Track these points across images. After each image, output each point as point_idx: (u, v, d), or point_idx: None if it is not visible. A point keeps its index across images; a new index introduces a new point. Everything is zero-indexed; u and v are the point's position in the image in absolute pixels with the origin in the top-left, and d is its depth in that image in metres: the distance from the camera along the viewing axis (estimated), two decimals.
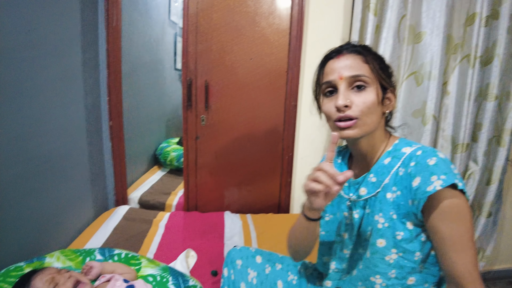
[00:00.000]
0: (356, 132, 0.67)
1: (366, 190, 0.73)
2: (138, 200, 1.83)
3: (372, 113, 0.67)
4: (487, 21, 1.49)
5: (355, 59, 0.68)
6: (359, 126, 0.67)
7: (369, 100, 0.66)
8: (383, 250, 0.68)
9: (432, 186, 0.59)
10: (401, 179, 0.66)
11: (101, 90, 1.60)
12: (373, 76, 0.68)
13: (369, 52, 0.71)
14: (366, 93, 0.67)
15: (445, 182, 0.58)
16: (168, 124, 2.85)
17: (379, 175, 0.71)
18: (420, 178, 0.62)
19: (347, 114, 0.66)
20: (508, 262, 2.07)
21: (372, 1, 1.38)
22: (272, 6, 1.48)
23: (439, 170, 0.60)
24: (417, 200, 0.62)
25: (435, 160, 0.61)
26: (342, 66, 0.68)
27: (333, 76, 0.69)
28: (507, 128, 1.64)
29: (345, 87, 0.68)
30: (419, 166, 0.63)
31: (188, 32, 1.48)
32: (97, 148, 1.59)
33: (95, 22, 1.51)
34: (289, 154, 1.61)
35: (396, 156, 0.70)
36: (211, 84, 1.52)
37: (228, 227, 1.48)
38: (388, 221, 0.67)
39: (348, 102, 0.66)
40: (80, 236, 1.36)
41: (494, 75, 1.56)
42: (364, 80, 0.67)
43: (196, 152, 1.59)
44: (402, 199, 0.66)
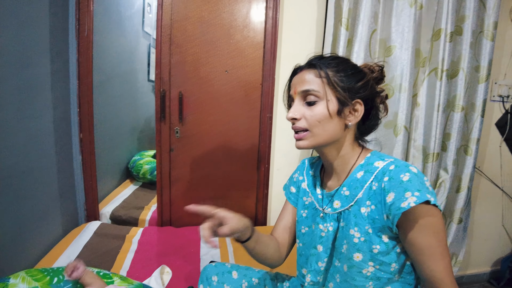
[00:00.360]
0: (306, 144, 0.71)
1: (339, 203, 0.74)
2: (110, 215, 1.76)
3: (323, 125, 0.69)
4: (451, 36, 1.57)
5: (309, 74, 0.71)
6: (309, 138, 0.71)
7: (317, 113, 0.69)
8: (360, 263, 0.69)
9: (406, 202, 0.60)
10: (375, 194, 0.67)
11: (71, 102, 1.54)
12: (327, 89, 0.69)
13: (332, 64, 0.71)
14: (315, 107, 0.69)
15: (419, 199, 0.59)
16: (141, 136, 2.78)
17: (352, 189, 0.72)
18: (394, 193, 0.63)
19: (296, 126, 0.71)
20: (479, 266, 2.14)
21: (344, 15, 1.42)
22: (246, 19, 1.49)
23: (413, 187, 0.61)
24: (392, 215, 0.62)
25: (409, 176, 0.62)
26: (298, 81, 0.72)
27: (292, 90, 0.75)
28: (473, 138, 1.72)
29: (299, 101, 0.72)
30: (392, 182, 0.64)
31: (162, 43, 1.46)
32: (66, 162, 1.52)
33: (65, 31, 1.46)
34: (265, 165, 1.60)
35: (368, 171, 0.71)
36: (186, 95, 1.50)
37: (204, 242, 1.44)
38: (364, 235, 0.68)
39: (296, 115, 0.71)
40: (48, 255, 1.28)
41: (460, 87, 1.64)
42: (314, 94, 0.69)
43: (170, 165, 1.55)
44: (377, 213, 0.66)
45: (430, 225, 0.61)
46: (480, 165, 1.93)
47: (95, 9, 1.54)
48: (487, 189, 2.00)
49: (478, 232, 2.06)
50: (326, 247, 0.76)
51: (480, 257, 2.11)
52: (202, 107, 1.52)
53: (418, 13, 1.52)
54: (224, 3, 1.46)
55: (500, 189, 2.02)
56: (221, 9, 1.46)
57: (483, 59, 1.64)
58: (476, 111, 1.69)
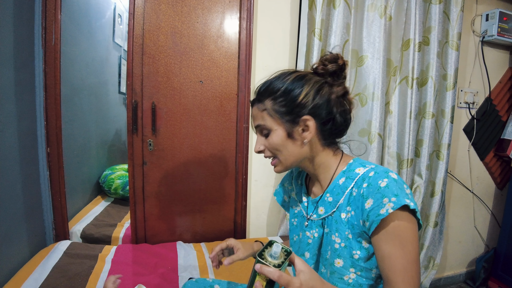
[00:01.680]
0: (279, 169, 0.76)
1: (323, 209, 0.75)
2: (81, 233, 1.66)
3: (284, 150, 0.73)
4: (419, 46, 1.63)
5: (256, 110, 0.75)
6: (279, 164, 0.75)
7: (273, 142, 0.72)
8: (341, 270, 0.69)
9: (384, 209, 0.60)
10: (354, 200, 0.68)
11: (37, 114, 1.46)
12: (271, 120, 0.72)
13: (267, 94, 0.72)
14: (270, 137, 0.73)
15: (396, 204, 0.60)
16: (111, 150, 2.68)
17: (334, 195, 0.73)
18: (372, 200, 0.63)
19: (265, 155, 0.76)
20: (455, 268, 2.21)
21: (317, 26, 1.44)
22: (220, 29, 1.48)
23: (390, 192, 0.61)
24: (370, 222, 0.63)
25: (386, 182, 0.63)
26: (252, 116, 0.77)
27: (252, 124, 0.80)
28: (444, 143, 1.78)
29: (259, 134, 0.77)
30: (371, 188, 0.64)
31: (134, 53, 1.42)
32: (32, 178, 1.43)
33: (30, 40, 1.40)
34: (243, 177, 1.58)
35: (350, 177, 0.71)
36: (159, 106, 1.46)
37: (182, 258, 1.39)
38: (344, 240, 0.68)
39: (260, 148, 0.76)
40: (13, 279, 1.18)
41: (429, 95, 1.70)
42: (264, 127, 0.73)
43: (143, 179, 1.49)
44: (355, 219, 0.67)
45: (398, 234, 0.61)
46: (451, 169, 2.00)
47: (63, 18, 1.49)
48: (458, 192, 2.08)
49: (453, 235, 2.12)
50: (313, 253, 0.77)
51: (455, 259, 2.18)
52: (176, 119, 1.49)
53: (388, 24, 1.57)
54: (197, 14, 1.45)
55: (471, 192, 2.10)
56: (194, 19, 1.45)
57: (449, 67, 1.71)
58: (446, 117, 1.76)
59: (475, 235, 2.19)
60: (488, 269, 2.11)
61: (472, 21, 1.92)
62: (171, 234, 1.57)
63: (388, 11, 1.56)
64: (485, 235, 2.23)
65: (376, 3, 1.54)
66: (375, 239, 0.63)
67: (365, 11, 1.54)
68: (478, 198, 2.13)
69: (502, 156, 2.08)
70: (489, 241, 2.24)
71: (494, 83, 2.03)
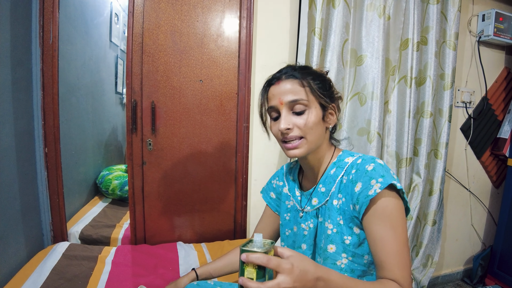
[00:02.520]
0: (301, 151, 0.73)
1: (317, 200, 0.78)
2: (79, 235, 1.65)
3: (314, 132, 0.72)
4: (418, 46, 1.65)
5: (292, 84, 0.72)
6: (304, 146, 0.72)
7: (309, 121, 0.71)
8: (334, 255, 0.71)
9: (372, 189, 0.63)
10: (345, 187, 0.71)
11: (34, 114, 1.44)
12: (311, 97, 0.72)
13: (307, 73, 0.74)
14: (306, 115, 0.72)
15: (383, 184, 0.63)
16: (108, 150, 2.66)
17: (326, 185, 0.76)
18: (361, 183, 0.67)
19: (291, 135, 0.72)
20: (453, 266, 2.22)
21: (317, 25, 1.44)
22: (220, 28, 1.47)
23: (377, 174, 0.65)
24: (360, 204, 0.66)
25: (373, 166, 0.67)
26: (282, 92, 0.73)
27: (274, 101, 0.74)
28: (442, 142, 1.79)
29: (287, 111, 0.73)
30: (359, 173, 0.68)
31: (133, 52, 1.41)
32: (29, 179, 1.41)
33: (27, 39, 1.38)
34: (243, 176, 1.57)
35: (340, 166, 0.76)
36: (158, 106, 1.45)
37: (182, 259, 1.38)
38: (336, 226, 0.71)
39: (290, 125, 0.71)
40: (11, 282, 1.16)
41: (427, 94, 1.71)
42: (302, 103, 0.71)
43: (143, 179, 1.48)
44: (346, 205, 0.70)
45: (388, 215, 0.63)
46: (448, 168, 2.02)
47: (60, 17, 1.47)
48: (456, 191, 2.10)
49: (450, 233, 2.14)
50: (309, 244, 0.80)
51: (453, 257, 2.19)
52: (176, 118, 1.48)
53: (386, 23, 1.58)
54: (197, 12, 1.45)
55: (468, 190, 2.12)
56: (194, 18, 1.44)
57: (447, 67, 1.73)
58: (444, 116, 1.77)
59: (472, 233, 2.21)
60: (485, 266, 2.13)
61: (469, 21, 1.95)
62: (170, 235, 1.56)
63: (386, 11, 1.57)
64: (481, 233, 2.25)
65: (375, 3, 1.55)
66: (366, 221, 0.66)
67: (364, 10, 1.54)
68: (475, 196, 2.15)
69: (498, 154, 2.11)
70: (485, 239, 2.26)
71: (490, 82, 2.05)
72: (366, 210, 0.65)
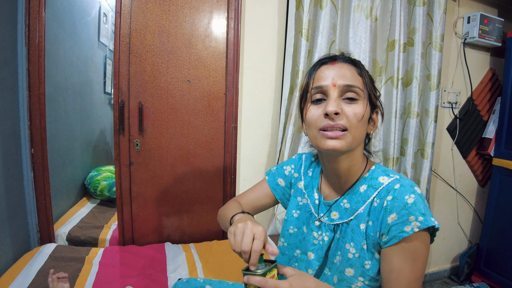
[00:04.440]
0: (342, 145, 0.63)
1: (338, 215, 0.72)
2: (67, 236, 1.63)
3: (359, 128, 0.64)
4: (404, 47, 1.67)
5: (350, 69, 0.66)
6: (346, 139, 0.63)
7: (359, 112, 0.63)
8: (351, 278, 0.67)
9: (409, 227, 0.58)
10: (375, 210, 0.65)
11: (20, 114, 1.43)
12: (365, 91, 0.66)
13: (363, 66, 0.69)
14: (357, 105, 0.64)
15: (423, 225, 0.57)
16: (96, 151, 2.64)
17: (353, 202, 0.69)
18: (397, 215, 0.60)
19: (338, 123, 0.63)
20: (440, 264, 2.26)
21: (304, 27, 1.45)
22: (208, 29, 1.48)
23: (417, 211, 0.59)
24: (390, 236, 0.61)
25: (413, 199, 0.59)
26: (337, 74, 0.65)
27: (326, 81, 0.65)
28: (429, 142, 1.82)
29: (337, 95, 0.64)
30: (396, 202, 0.61)
31: (121, 52, 1.40)
32: (16, 180, 1.39)
33: (13, 38, 1.36)
34: (232, 176, 1.58)
35: (372, 186, 0.67)
36: (146, 106, 1.45)
37: (171, 260, 1.39)
38: (359, 251, 0.66)
39: (339, 110, 0.63)
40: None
41: (414, 94, 1.74)
42: (357, 92, 0.64)
43: (130, 180, 1.47)
44: (373, 230, 0.65)
45: (413, 251, 0.59)
46: (435, 167, 2.05)
47: (47, 16, 1.46)
48: (442, 190, 2.13)
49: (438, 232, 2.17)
50: (319, 255, 0.74)
51: (440, 255, 2.23)
52: (163, 119, 1.48)
53: (373, 25, 1.60)
54: (185, 13, 1.45)
55: (454, 189, 2.16)
56: (182, 18, 1.44)
57: (433, 68, 1.75)
58: (430, 116, 1.80)
59: (458, 232, 2.25)
60: (472, 264, 2.17)
61: (455, 23, 1.98)
62: (159, 235, 1.56)
63: (374, 12, 1.59)
64: (468, 231, 2.29)
65: (362, 4, 1.57)
66: (388, 251, 0.62)
67: (352, 12, 1.56)
68: (461, 195, 2.19)
69: (483, 154, 2.15)
70: (472, 237, 2.30)
71: (476, 83, 2.09)
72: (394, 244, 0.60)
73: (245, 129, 1.59)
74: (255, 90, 1.58)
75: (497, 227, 1.98)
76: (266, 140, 1.64)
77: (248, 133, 1.60)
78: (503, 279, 1.92)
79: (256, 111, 1.60)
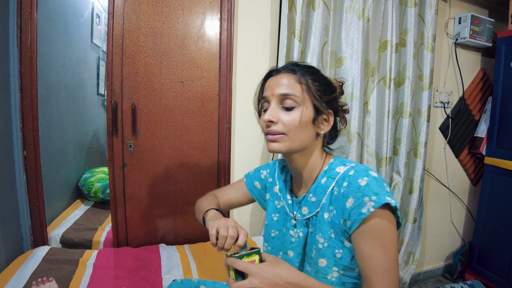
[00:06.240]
0: (280, 146, 0.70)
1: (307, 210, 0.75)
2: (60, 238, 1.62)
3: (299, 132, 0.69)
4: (396, 48, 1.68)
5: (289, 78, 0.71)
6: (285, 142, 0.70)
7: (295, 119, 0.69)
8: (325, 269, 0.69)
9: (365, 208, 0.61)
10: (336, 199, 0.68)
11: (12, 116, 1.42)
12: (306, 96, 0.70)
13: (309, 73, 0.72)
14: (293, 112, 0.69)
15: (377, 203, 0.60)
16: (90, 152, 2.62)
17: (317, 195, 0.73)
18: (353, 199, 0.64)
19: (272, 129, 0.70)
20: (433, 262, 2.28)
21: (297, 28, 1.46)
22: (201, 30, 1.48)
23: (370, 191, 0.62)
24: (351, 221, 0.63)
25: (367, 180, 0.63)
26: (276, 84, 0.71)
27: (267, 92, 0.73)
28: (421, 141, 1.84)
29: (276, 104, 0.71)
30: (351, 187, 0.65)
31: (114, 54, 1.40)
32: (8, 182, 1.38)
33: (4, 39, 1.36)
34: (226, 177, 1.58)
35: (331, 176, 0.72)
36: (139, 107, 1.44)
37: (165, 261, 1.38)
38: (327, 240, 0.69)
39: (274, 118, 0.69)
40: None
41: (406, 94, 1.76)
42: (292, 99, 0.69)
43: (124, 181, 1.47)
44: (337, 218, 0.67)
45: (378, 233, 0.61)
46: (428, 167, 2.07)
47: (39, 17, 1.45)
48: (435, 189, 2.15)
49: (431, 230, 2.19)
50: (298, 252, 0.77)
51: (433, 254, 2.25)
52: (156, 120, 1.47)
53: (366, 25, 1.61)
54: (178, 14, 1.45)
55: (447, 188, 2.18)
56: (175, 19, 1.44)
57: (425, 68, 1.77)
58: (422, 116, 1.82)
59: (451, 230, 2.28)
60: (464, 262, 2.19)
61: (446, 24, 2.00)
62: (153, 237, 1.56)
63: (366, 13, 1.60)
64: (461, 229, 2.32)
65: (354, 5, 1.58)
66: (355, 237, 0.64)
67: (344, 13, 1.57)
68: (454, 194, 2.22)
69: (475, 153, 2.17)
70: (464, 235, 2.33)
71: (467, 83, 2.12)
72: (357, 227, 0.63)
73: (239, 130, 1.59)
74: (249, 91, 1.58)
75: (489, 225, 2.01)
76: (260, 141, 1.64)
77: (242, 134, 1.61)
78: (495, 276, 1.94)
79: (250, 112, 1.61)
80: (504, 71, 1.89)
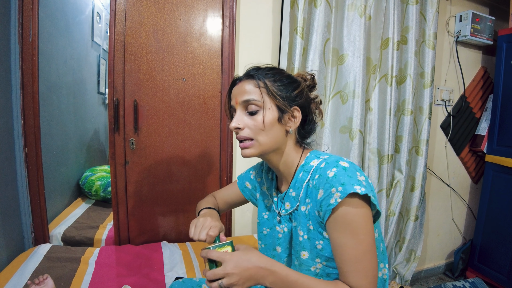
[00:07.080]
0: (251, 152, 0.73)
1: (289, 205, 0.78)
2: (62, 236, 1.62)
3: (267, 133, 0.72)
4: (398, 45, 1.69)
5: (249, 84, 0.73)
6: (254, 146, 0.72)
7: (259, 122, 0.71)
8: (307, 261, 0.71)
9: (333, 199, 0.63)
10: (311, 192, 0.70)
11: (13, 113, 1.42)
12: (267, 98, 0.71)
13: (269, 74, 0.74)
14: (257, 116, 0.71)
15: (342, 193, 0.61)
16: (90, 150, 2.62)
17: (296, 189, 0.76)
18: (322, 190, 0.66)
19: (240, 135, 0.73)
20: (435, 260, 2.28)
21: (299, 25, 1.46)
22: (203, 27, 1.48)
23: (337, 182, 0.63)
24: (323, 212, 0.65)
25: (334, 172, 0.65)
26: (239, 92, 0.74)
27: (233, 101, 0.76)
28: (423, 139, 1.84)
29: (241, 111, 0.73)
30: (321, 179, 0.67)
31: (115, 51, 1.40)
32: (9, 180, 1.38)
33: (5, 36, 1.35)
34: (228, 175, 1.58)
35: (306, 170, 0.74)
36: (141, 104, 1.44)
37: (167, 258, 1.38)
38: (307, 232, 0.71)
39: (239, 125, 0.72)
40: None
41: (408, 92, 1.76)
42: (254, 104, 0.71)
43: (126, 179, 1.46)
44: (312, 210, 0.69)
45: (348, 223, 0.62)
46: (429, 164, 2.07)
47: (40, 14, 1.45)
48: (437, 186, 2.15)
49: (432, 228, 2.20)
50: (285, 247, 0.79)
51: (435, 251, 2.25)
52: (158, 117, 1.47)
53: (367, 23, 1.61)
54: (180, 11, 1.45)
55: (448, 186, 2.18)
56: (177, 16, 1.44)
57: (426, 66, 1.78)
58: (424, 114, 1.82)
59: (452, 228, 2.28)
60: (466, 260, 2.19)
61: (447, 22, 2.00)
62: (155, 235, 1.55)
63: (367, 10, 1.60)
64: (462, 227, 2.32)
65: (356, 3, 1.58)
66: (328, 228, 0.66)
67: (345, 10, 1.57)
68: (455, 192, 2.22)
69: (476, 151, 2.18)
70: (465, 233, 2.33)
71: (468, 81, 2.12)
72: (329, 218, 0.65)
73: None
74: None
75: (490, 223, 2.01)
76: None
77: None
78: (497, 274, 1.94)
79: None
80: (505, 69, 1.89)
